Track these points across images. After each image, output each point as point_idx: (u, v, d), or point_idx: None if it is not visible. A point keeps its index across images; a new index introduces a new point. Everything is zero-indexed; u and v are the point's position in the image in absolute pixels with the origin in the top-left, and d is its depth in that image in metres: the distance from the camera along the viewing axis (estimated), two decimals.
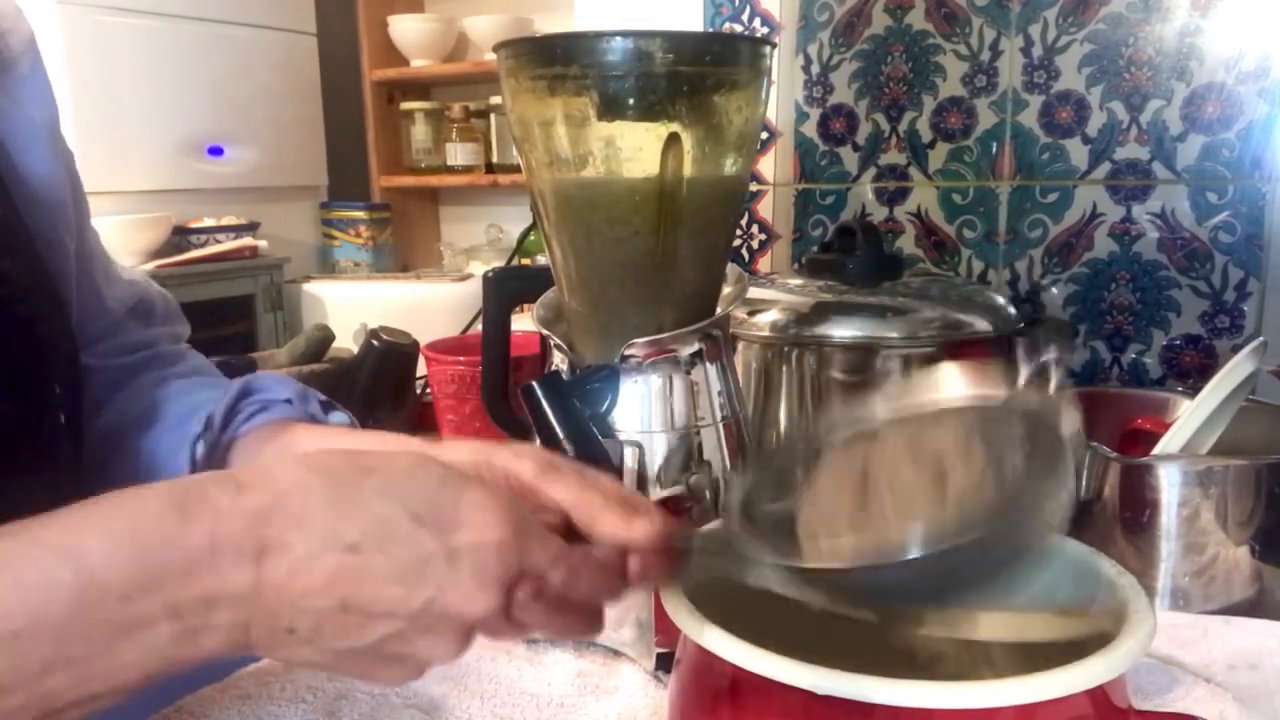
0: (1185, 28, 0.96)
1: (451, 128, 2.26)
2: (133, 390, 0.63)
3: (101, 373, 0.63)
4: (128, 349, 0.65)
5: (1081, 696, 0.36)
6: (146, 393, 0.62)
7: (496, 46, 0.63)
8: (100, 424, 0.61)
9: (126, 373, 0.64)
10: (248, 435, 0.60)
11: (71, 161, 0.59)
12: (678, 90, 0.58)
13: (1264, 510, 0.70)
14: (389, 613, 0.35)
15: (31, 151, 0.52)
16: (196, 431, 0.58)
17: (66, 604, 0.32)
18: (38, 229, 0.50)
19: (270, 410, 0.60)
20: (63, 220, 0.52)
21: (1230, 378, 0.72)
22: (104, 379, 0.63)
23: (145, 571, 0.33)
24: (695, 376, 0.63)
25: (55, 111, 0.56)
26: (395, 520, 0.35)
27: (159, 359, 0.66)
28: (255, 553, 0.34)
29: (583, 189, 0.62)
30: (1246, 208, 0.96)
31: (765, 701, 0.38)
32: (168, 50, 1.90)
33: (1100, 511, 0.73)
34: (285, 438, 0.59)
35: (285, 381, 0.62)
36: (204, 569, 0.34)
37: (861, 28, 1.11)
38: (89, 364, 0.62)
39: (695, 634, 0.39)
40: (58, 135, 0.56)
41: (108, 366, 0.63)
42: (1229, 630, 0.65)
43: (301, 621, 0.35)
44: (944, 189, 1.10)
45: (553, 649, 0.65)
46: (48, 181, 0.52)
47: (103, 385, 0.63)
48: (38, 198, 0.51)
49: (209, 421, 0.58)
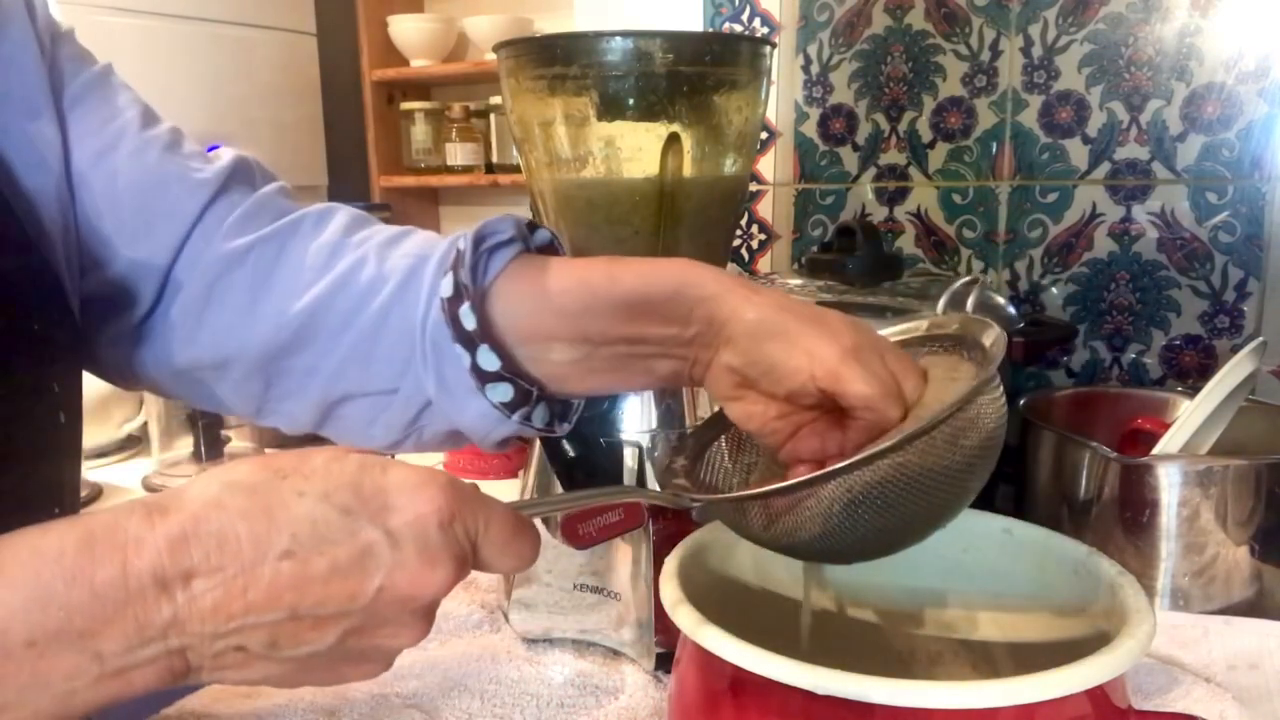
0: (1185, 28, 0.96)
1: (451, 128, 2.26)
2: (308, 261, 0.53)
3: (246, 254, 0.52)
4: (266, 216, 0.54)
5: (1081, 696, 0.36)
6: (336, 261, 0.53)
7: (496, 46, 0.63)
8: (296, 309, 0.52)
9: (278, 243, 0.53)
10: (498, 284, 0.50)
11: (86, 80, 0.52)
12: (678, 90, 0.58)
13: (1264, 510, 0.70)
14: (342, 611, 0.34)
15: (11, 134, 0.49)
16: (448, 296, 0.49)
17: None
18: (26, 218, 0.49)
19: (502, 252, 0.51)
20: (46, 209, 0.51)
21: (1230, 378, 0.72)
22: (253, 259, 0.53)
23: (49, 613, 0.31)
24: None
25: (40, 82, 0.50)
26: (324, 517, 0.34)
27: (313, 220, 0.55)
28: (180, 578, 0.32)
29: (583, 189, 0.62)
30: (1246, 208, 0.96)
31: (765, 701, 0.38)
32: (168, 50, 1.90)
33: (1100, 511, 0.73)
34: (534, 274, 0.50)
35: (501, 221, 0.52)
36: (121, 604, 0.32)
37: (861, 28, 1.11)
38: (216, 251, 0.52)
39: (695, 634, 0.39)
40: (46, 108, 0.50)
41: (251, 244, 0.53)
42: (1229, 630, 0.65)
43: (252, 638, 0.34)
44: (944, 189, 1.10)
45: (553, 649, 0.65)
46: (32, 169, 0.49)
47: (259, 264, 0.53)
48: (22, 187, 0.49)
49: (460, 286, 0.49)
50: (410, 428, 0.54)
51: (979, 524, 0.50)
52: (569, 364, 0.50)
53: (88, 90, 0.53)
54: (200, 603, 0.33)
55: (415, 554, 0.35)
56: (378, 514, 0.35)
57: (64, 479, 0.52)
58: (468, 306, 0.48)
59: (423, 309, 0.50)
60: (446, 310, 0.49)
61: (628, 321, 0.48)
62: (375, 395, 0.53)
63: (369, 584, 0.34)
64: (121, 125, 0.53)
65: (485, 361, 0.49)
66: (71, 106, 0.52)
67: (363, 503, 0.35)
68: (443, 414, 0.52)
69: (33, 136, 0.50)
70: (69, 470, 0.52)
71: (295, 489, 0.34)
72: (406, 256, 0.52)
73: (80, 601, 0.31)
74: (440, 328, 0.49)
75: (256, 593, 0.33)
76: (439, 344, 0.50)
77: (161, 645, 0.32)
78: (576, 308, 0.49)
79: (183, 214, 0.53)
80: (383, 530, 0.35)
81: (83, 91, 0.52)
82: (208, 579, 0.33)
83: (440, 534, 0.35)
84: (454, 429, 0.53)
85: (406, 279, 0.51)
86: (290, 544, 0.34)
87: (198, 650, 0.33)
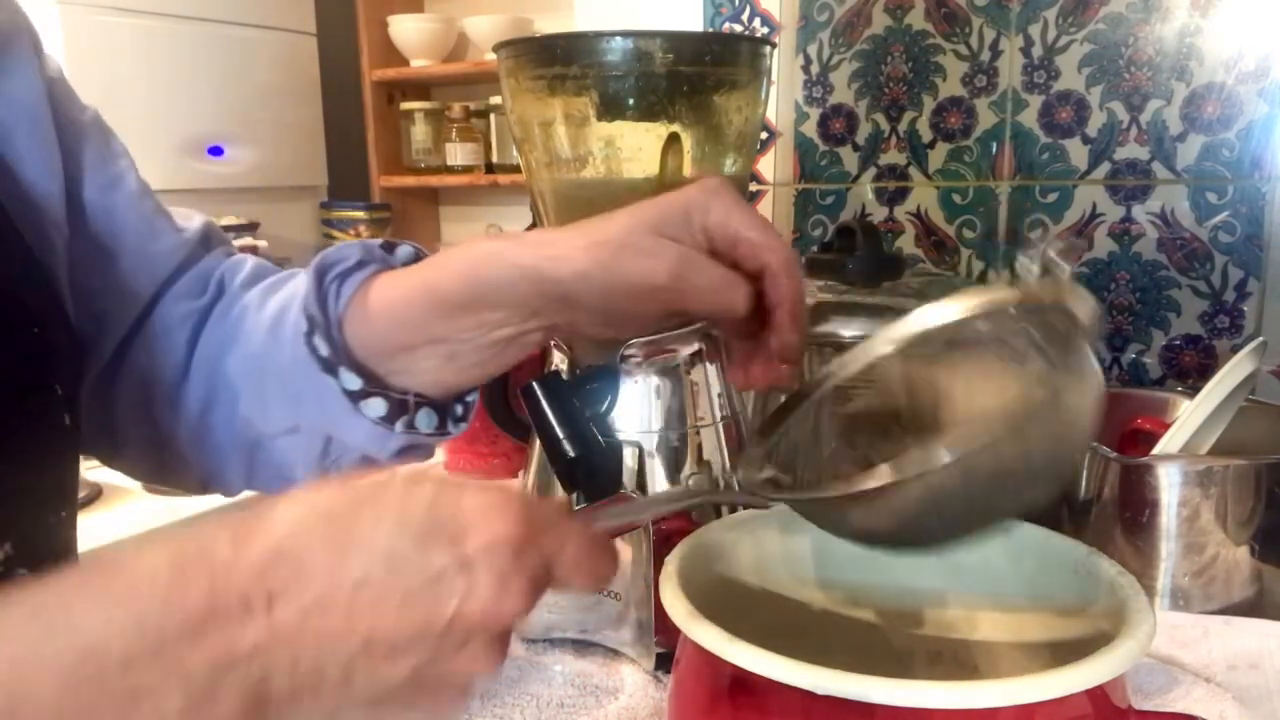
0: (1185, 28, 0.96)
1: (451, 128, 2.26)
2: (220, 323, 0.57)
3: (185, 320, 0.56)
4: (202, 282, 0.58)
5: (1081, 696, 0.36)
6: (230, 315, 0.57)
7: (496, 46, 0.63)
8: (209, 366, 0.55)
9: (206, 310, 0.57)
10: (350, 309, 0.52)
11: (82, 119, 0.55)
12: (678, 90, 0.58)
13: (1264, 510, 0.70)
14: (416, 639, 0.34)
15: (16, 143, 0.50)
16: (304, 330, 0.51)
17: (62, 676, 0.30)
18: (26, 226, 0.49)
19: (351, 278, 0.53)
20: (50, 216, 0.51)
21: (1230, 378, 0.72)
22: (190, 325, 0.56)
23: (144, 636, 0.31)
24: (695, 376, 0.63)
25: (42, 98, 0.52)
26: (398, 546, 0.34)
27: (229, 278, 0.59)
28: (265, 602, 0.33)
29: (583, 189, 0.62)
30: (1246, 208, 0.96)
31: (765, 701, 0.38)
32: (168, 50, 1.90)
33: (1100, 511, 0.73)
34: (379, 292, 0.52)
35: (346, 247, 0.55)
36: (209, 627, 0.32)
37: (861, 28, 1.11)
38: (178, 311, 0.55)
39: (695, 634, 0.39)
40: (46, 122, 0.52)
41: (189, 312, 0.56)
42: (1229, 630, 0.65)
43: (328, 668, 0.34)
44: (944, 189, 1.10)
45: (553, 649, 0.65)
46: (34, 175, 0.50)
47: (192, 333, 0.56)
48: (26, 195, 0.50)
49: (309, 318, 0.51)
50: (324, 461, 0.55)
51: None
52: (441, 367, 0.51)
53: (90, 130, 0.55)
54: (282, 630, 0.33)
55: (488, 581, 0.34)
56: (452, 540, 0.35)
57: (68, 478, 0.52)
58: (319, 335, 0.51)
59: (290, 348, 0.52)
60: (306, 343, 0.51)
61: (465, 316, 0.49)
62: (282, 436, 0.55)
63: (443, 611, 0.34)
64: (122, 169, 0.56)
65: (348, 382, 0.51)
66: (76, 140, 0.54)
67: (438, 529, 0.35)
68: (341, 442, 0.54)
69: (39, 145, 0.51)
70: (71, 469, 0.52)
71: (372, 517, 0.35)
72: (279, 299, 0.55)
73: (174, 622, 0.31)
74: (308, 361, 0.51)
75: (332, 622, 0.33)
76: (311, 376, 0.51)
77: (245, 672, 0.32)
78: (417, 316, 0.50)
79: (163, 268, 0.57)
80: (457, 557, 0.34)
81: (85, 130, 0.55)
82: (288, 606, 0.33)
83: (514, 559, 0.35)
84: (362, 454, 0.54)
85: (277, 320, 0.54)
86: (365, 572, 0.33)
87: (277, 681, 0.33)
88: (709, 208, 0.46)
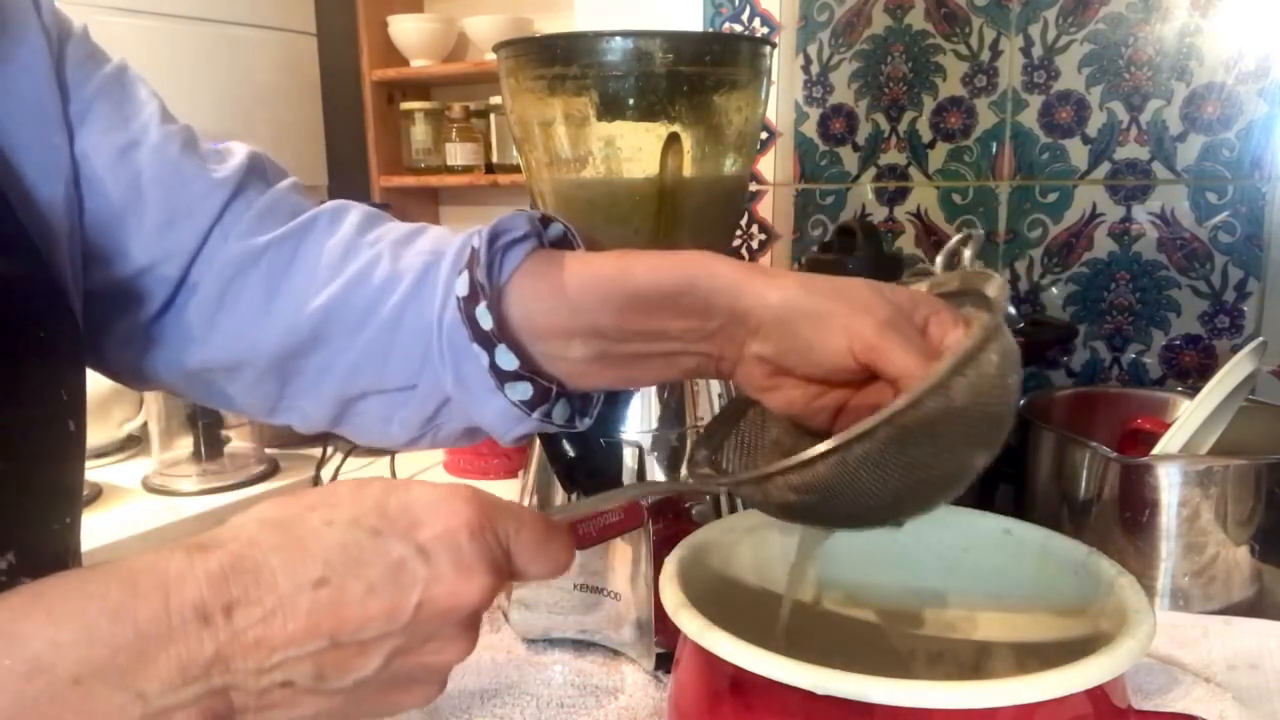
0: (1185, 28, 0.96)
1: (451, 128, 2.26)
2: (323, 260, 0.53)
3: (261, 254, 0.52)
4: (280, 214, 0.54)
5: (1081, 696, 0.36)
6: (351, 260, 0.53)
7: (496, 46, 0.63)
8: (311, 308, 0.52)
9: (293, 242, 0.53)
10: (514, 282, 0.50)
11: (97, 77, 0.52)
12: (678, 90, 0.58)
13: (1264, 510, 0.70)
14: (384, 632, 0.34)
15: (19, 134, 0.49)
16: (464, 295, 0.49)
17: (11, 694, 0.29)
18: (34, 227, 0.49)
19: (516, 249, 0.51)
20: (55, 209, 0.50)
21: (1230, 378, 0.72)
22: (268, 259, 0.53)
23: (94, 650, 0.31)
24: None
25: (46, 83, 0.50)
26: (355, 541, 0.34)
27: (327, 218, 0.55)
28: (221, 612, 0.32)
29: (583, 189, 0.62)
30: (1246, 208, 0.96)
31: (765, 701, 0.38)
32: (168, 50, 1.90)
33: (1100, 511, 0.73)
34: (549, 271, 0.50)
35: (514, 216, 0.52)
36: (164, 640, 0.31)
37: (861, 28, 1.11)
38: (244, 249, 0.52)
39: (695, 634, 0.39)
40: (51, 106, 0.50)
41: (266, 244, 0.53)
42: (1229, 630, 0.65)
43: (297, 670, 0.33)
44: (944, 189, 1.10)
45: (553, 649, 0.65)
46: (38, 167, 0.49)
47: (274, 264, 0.53)
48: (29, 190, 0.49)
49: (476, 285, 0.48)
50: (428, 424, 0.54)
51: (979, 524, 0.50)
52: (587, 360, 0.49)
53: (105, 90, 0.53)
54: (242, 638, 0.32)
55: (449, 565, 0.35)
56: (407, 531, 0.35)
57: (73, 482, 0.52)
58: (484, 306, 0.48)
59: (438, 307, 0.50)
60: (463, 309, 0.49)
61: (643, 316, 0.47)
62: (393, 392, 0.53)
63: (407, 600, 0.34)
64: (144, 121, 0.53)
65: (504, 361, 0.49)
66: (86, 109, 0.51)
67: (390, 522, 0.35)
68: (461, 411, 0.52)
69: (46, 144, 0.49)
70: (76, 474, 0.52)
71: (324, 519, 0.35)
72: (420, 254, 0.52)
73: (125, 638, 0.31)
74: (457, 327, 0.49)
75: (296, 623, 0.33)
76: (456, 343, 0.49)
77: (204, 684, 0.32)
78: (591, 304, 0.48)
79: (203, 212, 0.53)
80: (414, 546, 0.34)
81: (99, 92, 0.52)
82: (247, 612, 0.32)
83: (472, 543, 0.35)
84: (471, 425, 0.53)
85: (421, 277, 0.51)
86: (324, 571, 0.33)
87: (242, 689, 0.33)
88: (937, 316, 0.44)
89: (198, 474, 1.16)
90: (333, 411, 0.55)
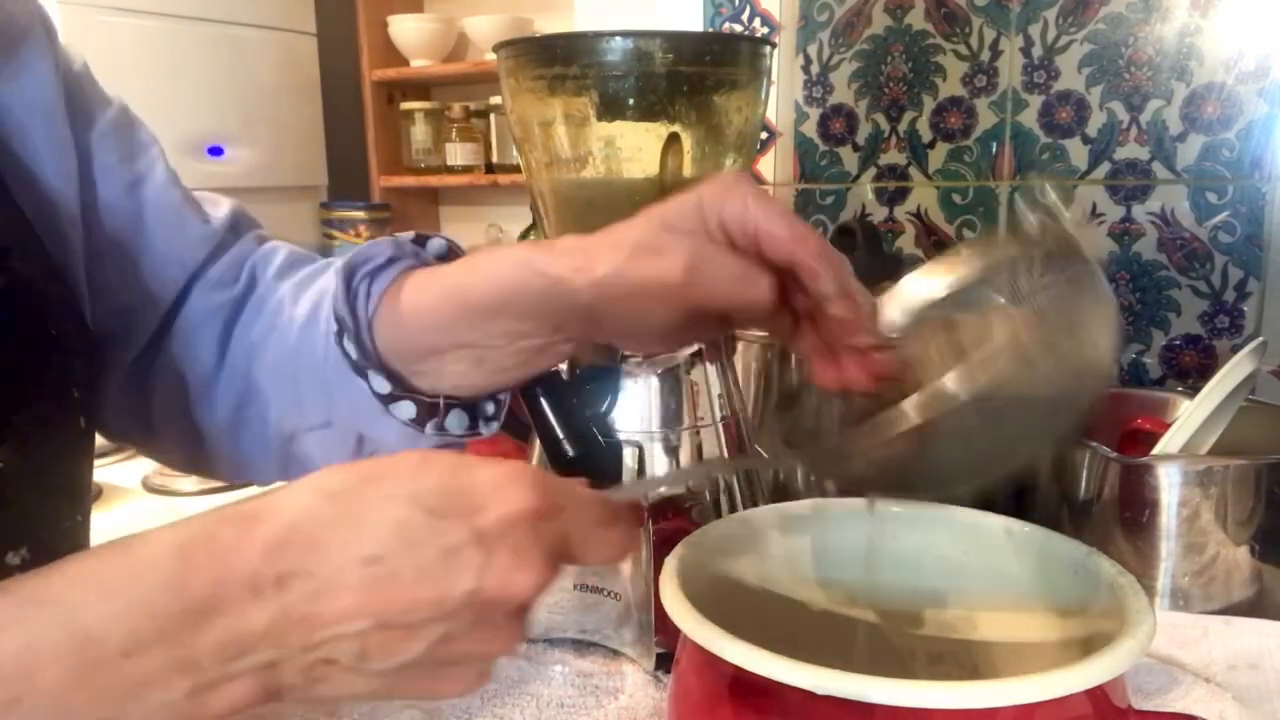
0: (1185, 28, 0.96)
1: (451, 128, 2.26)
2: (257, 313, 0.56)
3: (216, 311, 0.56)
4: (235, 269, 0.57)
5: (1081, 696, 0.36)
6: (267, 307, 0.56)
7: (496, 46, 0.63)
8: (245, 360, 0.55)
9: (240, 300, 0.57)
10: (381, 310, 0.52)
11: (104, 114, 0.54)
12: (678, 90, 0.58)
13: (1264, 510, 0.70)
14: (430, 617, 0.33)
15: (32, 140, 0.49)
16: (334, 331, 0.51)
17: (64, 666, 0.30)
18: (43, 225, 0.49)
19: (382, 276, 0.52)
20: (66, 214, 0.51)
21: (1230, 378, 0.72)
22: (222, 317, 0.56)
23: (145, 622, 0.30)
24: (695, 377, 0.63)
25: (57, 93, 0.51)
26: (411, 520, 0.33)
27: (261, 267, 0.58)
28: (275, 584, 0.32)
29: (583, 189, 0.62)
30: (1246, 208, 0.96)
31: (765, 701, 0.38)
32: (168, 50, 1.90)
33: (1100, 511, 0.73)
34: (408, 294, 0.51)
35: (377, 244, 0.53)
36: (215, 612, 0.31)
37: (861, 28, 1.11)
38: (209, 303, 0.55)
39: (695, 634, 0.39)
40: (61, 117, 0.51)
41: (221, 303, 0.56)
42: (1229, 630, 0.65)
43: (341, 649, 0.33)
44: (944, 189, 1.10)
45: (553, 649, 0.65)
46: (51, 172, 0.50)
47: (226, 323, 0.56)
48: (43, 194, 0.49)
49: (339, 319, 0.50)
50: (358, 457, 0.55)
51: (979, 524, 0.50)
52: (469, 371, 0.50)
53: (114, 125, 0.54)
54: (291, 613, 0.32)
55: (506, 554, 0.34)
56: (466, 514, 0.34)
57: (84, 480, 0.52)
58: (349, 339, 0.50)
59: (323, 345, 0.52)
60: (337, 344, 0.50)
61: (493, 322, 0.47)
62: (316, 430, 0.54)
63: (457, 587, 0.33)
64: (150, 160, 0.55)
65: (378, 385, 0.50)
66: (100, 139, 0.53)
67: (451, 503, 0.34)
68: (373, 440, 0.53)
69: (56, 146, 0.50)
70: (86, 471, 0.53)
71: (382, 494, 0.34)
72: (313, 295, 0.54)
73: (177, 609, 0.31)
74: (339, 359, 0.51)
75: (344, 601, 0.32)
76: (342, 375, 0.51)
77: (254, 658, 0.32)
78: (447, 320, 0.48)
79: (192, 260, 0.55)
80: (472, 531, 0.33)
81: (108, 127, 0.54)
82: (297, 586, 0.32)
83: (530, 532, 0.34)
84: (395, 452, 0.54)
85: (310, 318, 0.53)
86: (376, 549, 0.33)
87: (289, 664, 0.33)
88: (724, 202, 0.43)
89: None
90: (279, 459, 0.56)
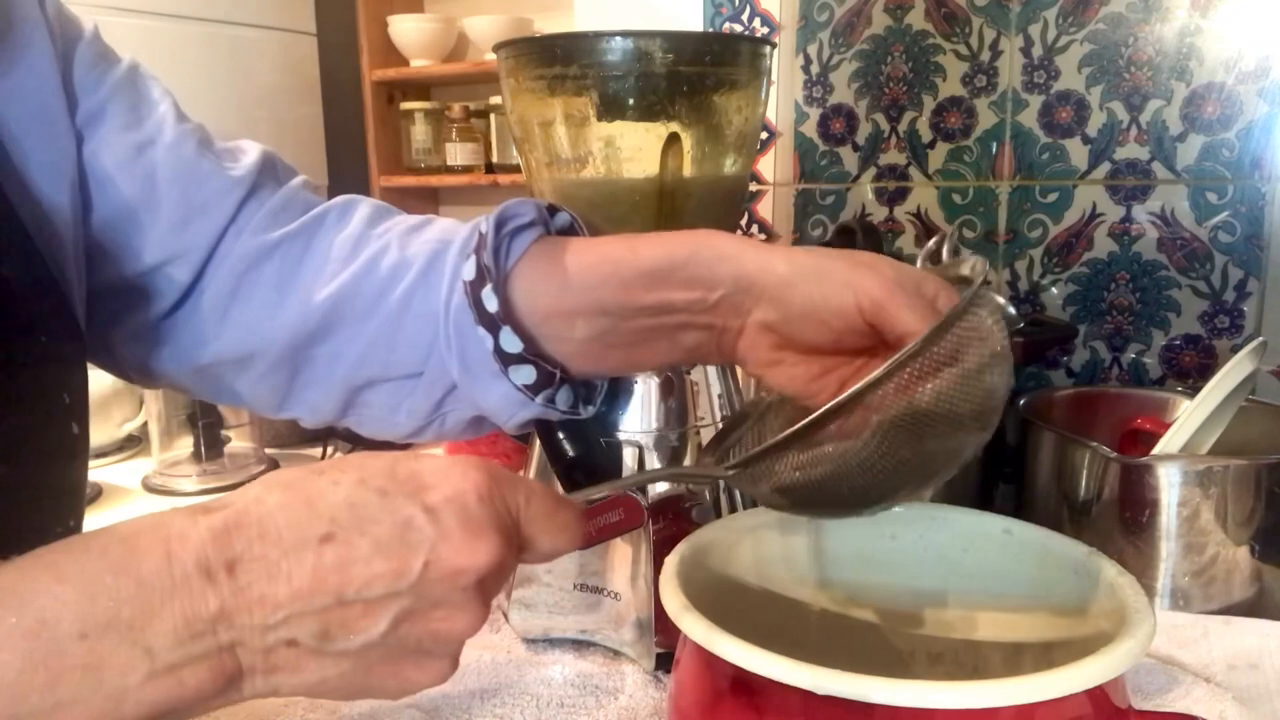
0: (1185, 28, 0.96)
1: (451, 128, 2.26)
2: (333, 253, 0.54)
3: (273, 249, 0.53)
4: (293, 211, 0.55)
5: (1081, 696, 0.36)
6: (360, 251, 0.53)
7: (496, 46, 0.63)
8: (320, 298, 0.52)
9: (305, 237, 0.54)
10: (520, 266, 0.51)
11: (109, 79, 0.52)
12: (678, 90, 0.58)
13: (1264, 510, 0.70)
14: (390, 591, 0.34)
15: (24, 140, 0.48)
16: (471, 279, 0.50)
17: (19, 652, 0.30)
18: (36, 228, 0.49)
19: (523, 235, 0.51)
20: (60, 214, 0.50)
21: (1230, 378, 0.72)
22: (280, 253, 0.53)
23: (97, 604, 0.31)
24: (695, 376, 0.63)
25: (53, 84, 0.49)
26: (362, 499, 0.34)
27: (337, 212, 0.56)
28: (224, 567, 0.32)
29: (583, 189, 0.62)
30: (1246, 208, 0.96)
31: (765, 701, 0.38)
32: (168, 50, 1.90)
33: (1100, 511, 0.73)
34: (555, 254, 0.51)
35: (522, 203, 0.53)
36: (167, 594, 0.32)
37: (861, 28, 1.11)
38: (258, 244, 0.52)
39: (695, 634, 0.39)
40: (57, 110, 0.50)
41: (278, 240, 0.53)
42: (1229, 630, 0.65)
43: (302, 628, 0.33)
44: (944, 189, 1.10)
45: (553, 649, 0.65)
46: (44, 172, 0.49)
47: (286, 258, 0.53)
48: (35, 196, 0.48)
49: (483, 268, 0.49)
50: (434, 413, 0.54)
51: (979, 524, 0.50)
52: (592, 340, 0.50)
53: (118, 90, 0.53)
54: (247, 593, 0.32)
55: (457, 526, 0.34)
56: (415, 493, 0.35)
57: (76, 485, 0.52)
58: (490, 288, 0.49)
59: (445, 292, 0.51)
60: (469, 293, 0.50)
61: (649, 289, 0.48)
62: (399, 380, 0.53)
63: (414, 560, 0.34)
64: (159, 119, 0.54)
65: (508, 344, 0.49)
66: (100, 109, 0.52)
67: (399, 484, 0.35)
68: (467, 397, 0.52)
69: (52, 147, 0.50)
70: (79, 476, 0.52)
71: (331, 480, 0.35)
72: (429, 242, 0.53)
73: (128, 592, 0.31)
74: (463, 311, 0.50)
75: (301, 578, 0.33)
76: (462, 327, 0.50)
77: (211, 640, 0.32)
78: (596, 281, 0.49)
79: (219, 210, 0.53)
80: (421, 506, 0.34)
81: (113, 93, 0.52)
82: (251, 568, 0.33)
83: (480, 506, 0.35)
84: (477, 414, 0.53)
85: (429, 264, 0.52)
86: (330, 527, 0.33)
87: (248, 646, 0.33)
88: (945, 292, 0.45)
89: (198, 474, 1.16)
90: (340, 402, 0.55)
